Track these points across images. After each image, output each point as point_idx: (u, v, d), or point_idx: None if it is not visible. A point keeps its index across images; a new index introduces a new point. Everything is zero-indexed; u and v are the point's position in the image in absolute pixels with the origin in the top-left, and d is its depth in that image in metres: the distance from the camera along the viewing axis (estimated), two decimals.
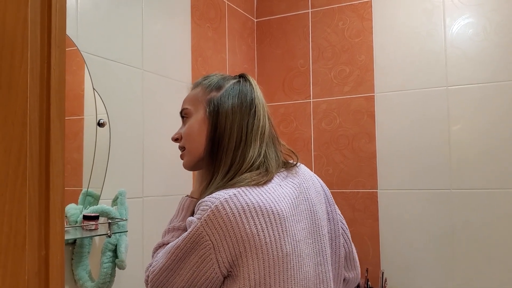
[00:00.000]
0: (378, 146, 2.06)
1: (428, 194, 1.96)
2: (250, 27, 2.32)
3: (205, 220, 0.82)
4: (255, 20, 2.37)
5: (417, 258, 1.96)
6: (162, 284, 0.89)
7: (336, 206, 1.05)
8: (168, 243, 0.93)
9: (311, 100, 2.22)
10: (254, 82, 1.00)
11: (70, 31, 1.30)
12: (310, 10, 2.25)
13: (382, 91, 2.07)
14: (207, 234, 0.82)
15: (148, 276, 0.91)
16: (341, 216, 1.07)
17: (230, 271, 0.84)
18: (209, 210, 0.83)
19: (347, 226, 1.07)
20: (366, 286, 1.94)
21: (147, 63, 1.61)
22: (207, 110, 0.96)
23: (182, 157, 1.02)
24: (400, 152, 2.02)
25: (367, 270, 1.98)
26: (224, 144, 0.92)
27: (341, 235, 1.02)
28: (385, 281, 1.92)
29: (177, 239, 0.87)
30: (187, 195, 1.02)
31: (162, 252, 0.91)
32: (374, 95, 2.08)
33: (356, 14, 2.14)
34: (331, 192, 1.06)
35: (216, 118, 0.94)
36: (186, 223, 0.90)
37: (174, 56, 1.76)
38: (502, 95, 1.86)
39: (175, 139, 1.02)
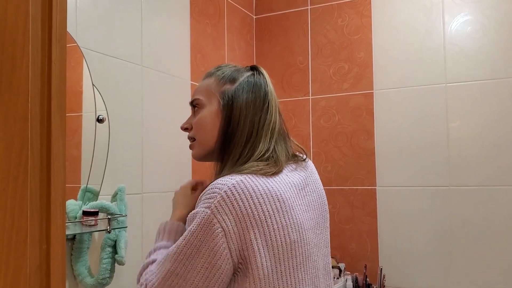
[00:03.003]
0: (376, 143, 2.07)
1: (427, 191, 1.96)
2: (249, 23, 2.32)
3: (215, 206, 0.79)
4: (254, 17, 2.37)
5: (416, 254, 1.97)
6: None
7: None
8: (156, 260, 0.86)
9: (310, 97, 2.22)
10: (267, 75, 0.98)
11: (69, 27, 1.29)
12: (309, 7, 2.25)
13: (381, 88, 2.07)
14: (218, 221, 0.78)
15: None
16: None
17: (241, 263, 0.80)
18: (219, 196, 0.79)
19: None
20: (364, 282, 1.94)
21: (146, 59, 1.61)
22: (221, 103, 0.94)
23: (191, 147, 0.99)
24: (399, 149, 2.02)
25: (365, 267, 1.98)
26: (236, 138, 0.91)
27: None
28: (384, 277, 1.93)
29: (180, 239, 0.81)
30: (166, 221, 0.97)
31: (158, 261, 0.84)
32: (373, 92, 2.08)
33: (355, 11, 2.14)
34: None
35: (230, 112, 0.92)
36: (188, 217, 0.84)
37: (173, 53, 1.75)
38: (500, 92, 1.86)
39: (185, 129, 1.00)
